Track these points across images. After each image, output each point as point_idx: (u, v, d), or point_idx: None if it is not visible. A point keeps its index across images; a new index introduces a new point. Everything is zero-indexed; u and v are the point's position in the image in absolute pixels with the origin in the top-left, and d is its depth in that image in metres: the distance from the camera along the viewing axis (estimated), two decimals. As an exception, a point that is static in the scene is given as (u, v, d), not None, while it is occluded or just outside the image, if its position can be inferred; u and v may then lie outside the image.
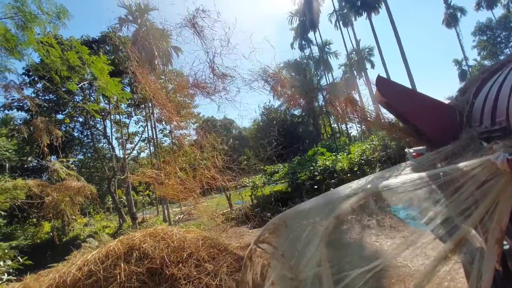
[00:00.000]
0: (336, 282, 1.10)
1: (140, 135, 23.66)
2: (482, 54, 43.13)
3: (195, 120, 26.00)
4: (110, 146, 20.80)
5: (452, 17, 42.26)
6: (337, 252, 1.39)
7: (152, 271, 3.31)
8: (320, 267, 1.23)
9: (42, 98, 16.87)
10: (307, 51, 41.26)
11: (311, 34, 39.66)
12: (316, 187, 10.96)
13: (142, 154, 26.60)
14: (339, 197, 1.50)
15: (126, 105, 19.80)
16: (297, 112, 38.21)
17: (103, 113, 18.60)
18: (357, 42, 36.28)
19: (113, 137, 21.37)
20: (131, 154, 24.11)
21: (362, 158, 12.03)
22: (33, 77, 16.11)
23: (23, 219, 15.18)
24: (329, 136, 38.21)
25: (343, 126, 40.14)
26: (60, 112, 18.78)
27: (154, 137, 21.19)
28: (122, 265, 3.30)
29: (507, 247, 1.41)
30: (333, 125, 39.86)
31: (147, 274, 3.27)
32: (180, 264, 3.38)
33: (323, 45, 39.58)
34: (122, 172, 18.71)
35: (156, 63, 19.20)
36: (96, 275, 3.24)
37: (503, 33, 40.82)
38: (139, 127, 23.33)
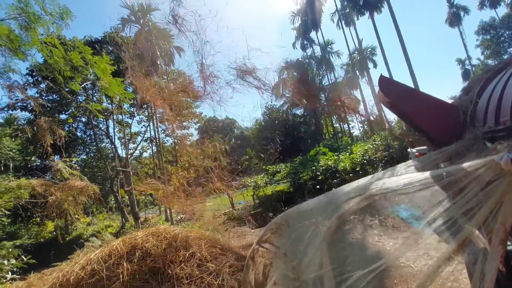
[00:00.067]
0: (338, 283, 1.09)
1: (143, 135, 23.77)
2: (485, 53, 42.81)
3: (197, 120, 26.06)
4: (113, 146, 20.91)
5: (455, 16, 42.00)
6: (339, 252, 1.38)
7: (155, 271, 3.33)
8: (322, 268, 1.23)
9: (46, 98, 16.99)
10: (309, 51, 41.20)
11: (313, 34, 39.60)
12: (318, 187, 10.94)
13: (144, 154, 26.73)
14: (341, 197, 1.49)
15: (128, 105, 19.90)
16: (299, 112, 38.15)
17: (105, 113, 18.69)
18: (359, 42, 36.12)
19: (116, 137, 21.50)
20: (134, 154, 24.23)
21: (365, 158, 11.98)
22: (36, 78, 16.22)
23: (27, 218, 15.29)
24: (331, 136, 38.11)
25: (345, 126, 40.05)
26: (63, 112, 18.91)
27: (156, 137, 21.28)
28: (125, 264, 3.32)
29: (511, 247, 1.40)
30: (335, 125, 39.78)
31: (149, 273, 3.28)
32: (183, 264, 3.39)
33: (325, 45, 39.48)
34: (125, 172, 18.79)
35: (159, 63, 19.25)
36: (99, 274, 3.26)
37: (507, 32, 40.47)
38: (142, 127, 23.44)
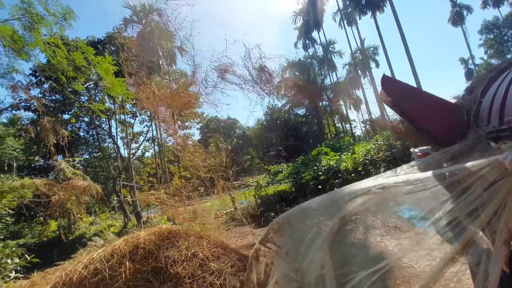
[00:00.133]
0: (341, 284, 1.09)
1: (145, 134, 23.85)
2: (489, 52, 42.53)
3: (199, 119, 26.09)
4: (115, 146, 21.01)
5: (458, 15, 41.74)
6: (341, 253, 1.38)
7: (157, 270, 3.34)
8: (324, 268, 1.23)
9: (49, 98, 17.10)
10: (311, 51, 41.09)
11: (315, 34, 39.51)
12: (320, 187, 10.92)
13: (146, 154, 26.82)
14: (343, 197, 1.49)
15: (131, 105, 19.97)
16: (301, 111, 38.10)
17: (108, 113, 18.78)
18: (362, 41, 36.01)
19: (118, 136, 21.60)
20: (136, 154, 24.32)
21: (367, 158, 11.94)
22: (40, 78, 16.33)
23: (30, 218, 15.40)
24: (333, 135, 38.03)
25: (347, 125, 39.96)
26: (66, 112, 19.03)
27: (159, 136, 21.36)
28: (127, 263, 3.33)
29: None
30: (337, 125, 39.70)
31: (152, 272, 3.29)
32: (185, 263, 3.39)
33: (327, 44, 39.39)
34: (127, 172, 18.88)
35: (161, 63, 19.30)
36: (101, 274, 3.28)
37: (510, 31, 40.18)
38: (144, 127, 23.52)
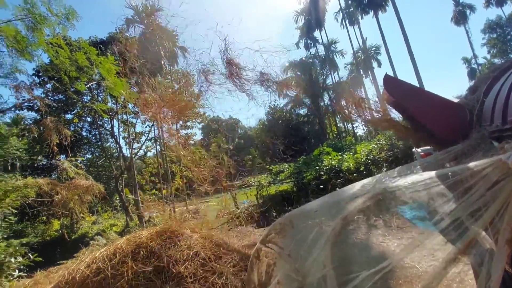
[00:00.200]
0: (343, 284, 1.09)
1: (147, 134, 23.90)
2: (492, 52, 42.19)
3: (200, 119, 26.13)
4: (118, 146, 21.08)
5: (461, 15, 41.48)
6: (343, 253, 1.38)
7: (159, 269, 3.35)
8: (326, 269, 1.22)
9: (52, 98, 17.19)
10: (312, 50, 41.03)
11: (316, 33, 39.44)
12: (321, 187, 10.91)
13: (148, 154, 26.89)
14: (345, 198, 1.48)
15: (133, 104, 20.02)
16: (303, 111, 38.04)
17: (110, 113, 18.84)
18: (364, 41, 35.91)
19: (121, 136, 21.67)
20: (138, 154, 24.40)
21: (369, 157, 11.91)
22: (43, 78, 16.42)
23: (33, 217, 15.50)
24: (335, 135, 37.94)
25: (349, 125, 39.83)
26: (69, 112, 19.12)
27: (160, 136, 21.40)
28: (129, 263, 3.35)
29: None
30: (339, 125, 39.58)
31: (154, 272, 3.30)
32: (187, 263, 3.40)
33: (329, 44, 39.29)
34: (129, 171, 18.94)
35: (163, 63, 19.34)
36: (104, 273, 3.29)
37: (514, 31, 39.86)
38: (146, 127, 23.56)
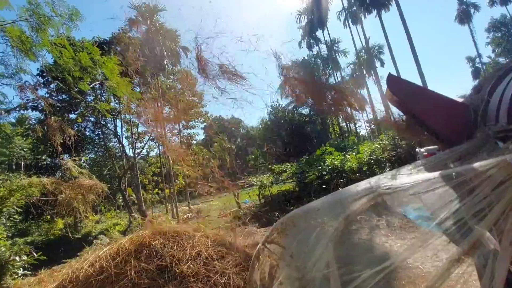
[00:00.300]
0: (345, 283, 1.08)
1: (150, 134, 23.98)
2: (496, 51, 41.83)
3: (203, 119, 26.19)
4: (121, 145, 21.19)
5: (465, 13, 41.15)
6: (346, 253, 1.37)
7: (162, 269, 3.36)
8: (329, 269, 1.22)
9: (56, 98, 17.28)
10: (315, 50, 40.94)
11: (319, 33, 39.37)
12: (324, 186, 10.87)
13: (151, 153, 26.99)
14: (348, 197, 1.48)
15: (136, 104, 20.10)
16: (305, 111, 37.97)
17: (113, 113, 18.94)
18: (367, 40, 35.71)
19: (124, 136, 21.78)
20: (141, 153, 24.51)
21: (372, 157, 11.86)
22: (47, 78, 16.52)
23: (37, 216, 15.60)
24: (337, 135, 37.84)
25: (352, 125, 39.67)
26: (72, 112, 19.21)
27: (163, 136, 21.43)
28: (132, 262, 3.36)
29: None
30: (341, 124, 39.45)
31: (157, 271, 3.31)
32: (189, 262, 3.41)
33: (332, 44, 39.18)
34: (132, 171, 19.03)
35: (165, 63, 19.41)
36: (107, 272, 3.31)
37: (519, 29, 39.45)
38: (148, 126, 23.64)
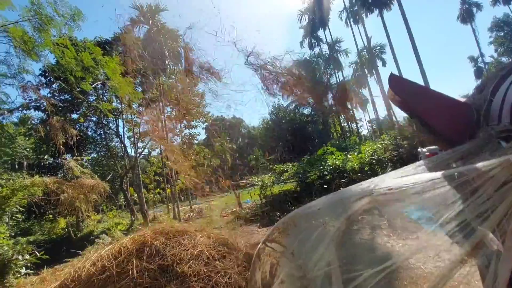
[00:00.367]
0: (346, 282, 1.08)
1: (149, 136, 24.02)
2: (499, 50, 41.58)
3: (205, 119, 26.23)
4: (122, 145, 21.26)
5: (467, 13, 40.95)
6: (347, 253, 1.37)
7: (164, 268, 3.36)
8: (330, 267, 1.22)
9: (58, 98, 17.37)
10: (316, 50, 40.87)
11: (320, 32, 39.28)
12: (325, 186, 10.86)
13: (153, 153, 27.04)
14: (350, 197, 1.47)
15: (137, 104, 20.17)
16: (306, 111, 37.94)
17: (115, 113, 19.00)
18: (368, 40, 35.64)
19: (125, 136, 21.84)
20: (143, 153, 24.57)
21: (373, 157, 11.83)
22: (49, 78, 16.61)
23: (40, 215, 15.69)
24: (339, 135, 37.77)
25: (354, 125, 39.59)
26: (75, 112, 19.30)
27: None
28: (134, 261, 3.37)
29: None
30: (343, 124, 39.37)
31: (158, 270, 3.32)
32: (191, 262, 3.41)
33: (333, 43, 39.10)
34: (134, 170, 19.08)
35: (167, 63, 19.44)
36: (109, 271, 3.32)
37: (522, 29, 39.20)
38: (152, 123, 23.69)
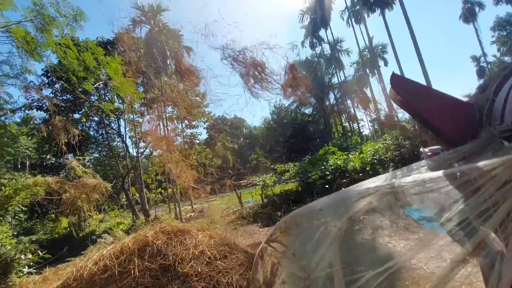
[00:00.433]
0: (348, 283, 1.08)
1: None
2: (501, 50, 41.37)
3: (206, 119, 26.24)
4: (124, 145, 21.31)
5: (470, 12, 40.77)
6: (349, 253, 1.37)
7: (165, 268, 3.37)
8: (332, 268, 1.22)
9: (60, 98, 17.44)
10: (318, 49, 40.79)
11: (322, 32, 39.20)
12: (327, 186, 10.84)
13: (154, 153, 27.08)
14: (351, 197, 1.47)
15: (139, 104, 20.22)
16: (308, 111, 37.90)
17: (117, 113, 19.06)
18: (370, 39, 35.57)
19: (127, 136, 21.90)
20: (144, 153, 24.62)
21: (375, 157, 11.80)
22: (51, 78, 16.67)
23: (42, 215, 15.75)
24: (340, 135, 37.70)
25: (355, 125, 39.51)
26: (77, 112, 19.35)
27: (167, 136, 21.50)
28: (136, 261, 3.38)
29: None
30: (344, 124, 39.31)
31: (160, 270, 3.33)
32: (192, 261, 3.42)
33: (335, 43, 39.01)
34: (136, 170, 19.14)
35: (168, 63, 19.48)
36: (111, 270, 3.33)
37: (525, 28, 38.96)
38: (152, 126, 23.74)
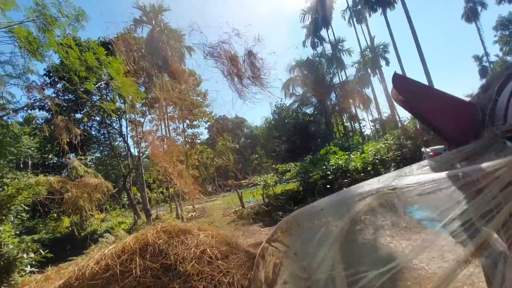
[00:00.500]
0: (350, 284, 1.08)
1: (154, 133, 24.12)
2: (504, 49, 41.17)
3: (207, 119, 26.27)
4: (126, 145, 21.37)
5: (472, 11, 40.60)
6: (350, 253, 1.37)
7: (166, 267, 3.38)
8: (334, 269, 1.22)
9: (62, 98, 17.49)
10: (319, 49, 40.72)
11: (323, 32, 39.15)
12: (328, 186, 10.83)
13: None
14: (353, 197, 1.47)
15: (140, 104, 20.26)
16: (309, 110, 37.86)
17: (119, 112, 19.10)
18: (371, 39, 35.48)
19: (129, 135, 21.96)
20: (146, 152, 24.68)
21: (376, 157, 11.78)
22: (53, 78, 16.73)
23: (44, 214, 15.84)
24: (341, 135, 37.63)
25: (357, 124, 39.44)
26: (78, 111, 19.43)
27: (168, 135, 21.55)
28: (137, 260, 3.39)
29: None
30: (346, 124, 39.23)
31: (161, 269, 3.33)
32: (193, 261, 3.43)
33: (336, 43, 38.93)
34: (137, 170, 19.19)
35: (170, 63, 19.50)
36: (112, 269, 3.34)
37: (528, 27, 38.76)
38: (153, 126, 23.80)
